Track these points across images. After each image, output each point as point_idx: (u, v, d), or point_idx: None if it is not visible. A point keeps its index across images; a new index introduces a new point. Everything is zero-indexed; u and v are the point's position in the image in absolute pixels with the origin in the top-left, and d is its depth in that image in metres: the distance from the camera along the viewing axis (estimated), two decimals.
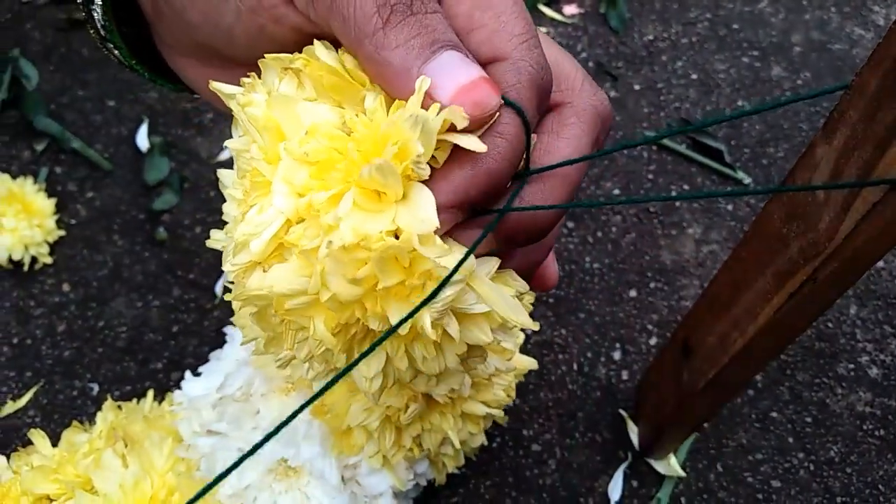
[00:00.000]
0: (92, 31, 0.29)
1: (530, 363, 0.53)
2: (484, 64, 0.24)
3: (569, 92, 0.26)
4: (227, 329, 0.58)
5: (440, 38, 0.23)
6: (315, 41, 0.24)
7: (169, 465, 0.50)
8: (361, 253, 0.22)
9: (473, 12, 0.24)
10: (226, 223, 0.28)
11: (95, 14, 0.28)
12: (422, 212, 0.22)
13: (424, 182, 0.23)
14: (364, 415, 0.45)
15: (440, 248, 0.22)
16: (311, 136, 0.23)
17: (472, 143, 0.22)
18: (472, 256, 0.23)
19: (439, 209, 0.22)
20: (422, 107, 0.22)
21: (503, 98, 0.23)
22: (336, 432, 0.48)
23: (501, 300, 0.24)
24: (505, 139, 0.23)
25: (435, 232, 0.22)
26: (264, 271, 0.24)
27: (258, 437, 0.45)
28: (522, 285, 0.26)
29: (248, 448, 0.45)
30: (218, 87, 0.26)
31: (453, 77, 0.22)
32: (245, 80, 0.25)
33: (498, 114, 0.23)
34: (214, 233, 0.31)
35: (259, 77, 0.25)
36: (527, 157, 0.24)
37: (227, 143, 0.26)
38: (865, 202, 0.31)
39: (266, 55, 0.25)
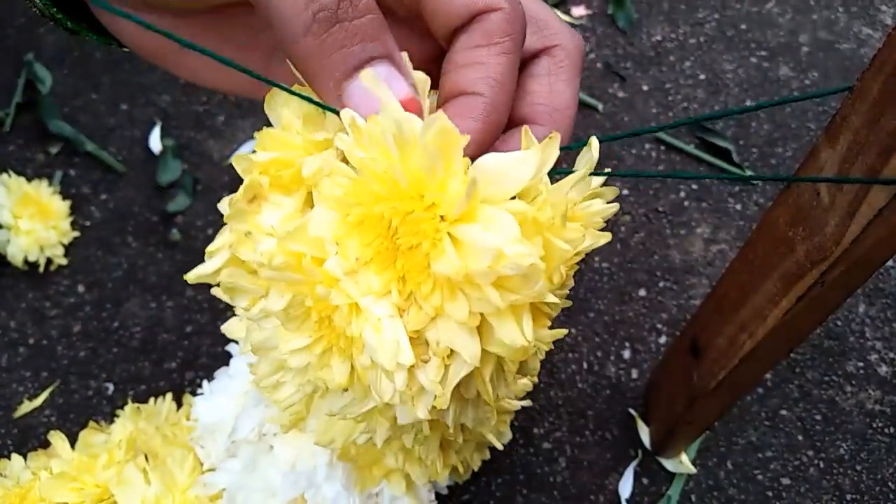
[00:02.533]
0: None
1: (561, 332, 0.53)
2: (474, 15, 0.24)
3: (553, 34, 0.27)
4: (232, 347, 0.58)
5: (366, 52, 0.23)
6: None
7: (190, 482, 0.51)
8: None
9: None
10: None
11: None
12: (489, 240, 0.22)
13: None
14: (401, 455, 0.45)
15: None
16: (343, 245, 0.22)
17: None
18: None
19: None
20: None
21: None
22: (359, 468, 0.48)
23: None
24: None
25: None
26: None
27: (274, 476, 0.45)
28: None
29: (267, 487, 0.45)
30: (195, 274, 0.26)
31: (372, 103, 0.22)
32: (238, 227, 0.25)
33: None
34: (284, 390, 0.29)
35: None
36: None
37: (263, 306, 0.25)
38: (871, 207, 0.32)
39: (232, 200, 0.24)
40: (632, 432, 0.69)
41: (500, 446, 0.49)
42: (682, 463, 0.66)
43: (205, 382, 0.55)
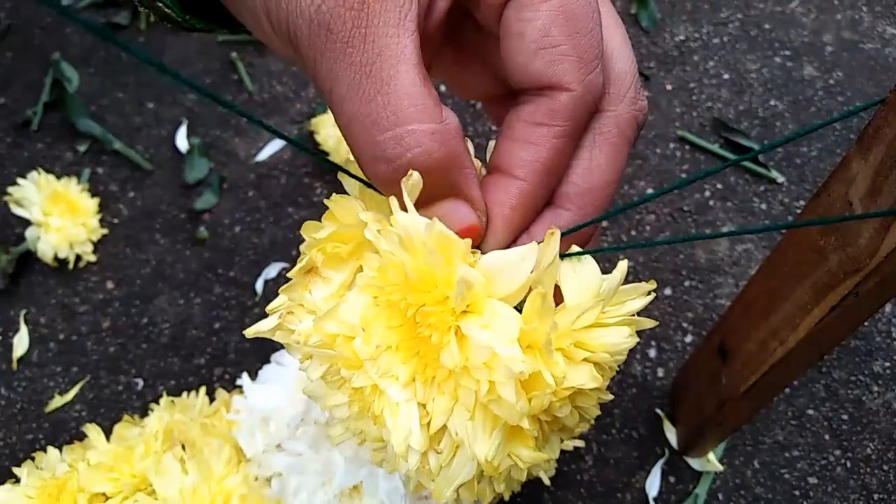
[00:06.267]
0: None
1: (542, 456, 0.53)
2: (544, 88, 0.23)
3: (615, 97, 0.25)
4: None
5: (427, 197, 0.22)
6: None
7: (226, 472, 0.52)
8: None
9: (550, 28, 0.22)
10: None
11: None
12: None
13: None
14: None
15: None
16: (369, 330, 0.23)
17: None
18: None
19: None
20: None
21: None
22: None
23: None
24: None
25: None
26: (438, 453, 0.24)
27: (337, 458, 0.45)
28: None
29: (324, 471, 0.46)
30: (254, 330, 0.27)
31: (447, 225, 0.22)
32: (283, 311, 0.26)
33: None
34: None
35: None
36: None
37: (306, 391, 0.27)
38: None
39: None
40: (658, 431, 0.69)
41: (547, 481, 0.49)
42: (710, 461, 0.66)
43: (244, 375, 0.55)
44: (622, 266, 0.23)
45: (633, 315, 0.24)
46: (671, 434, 0.68)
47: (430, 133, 0.21)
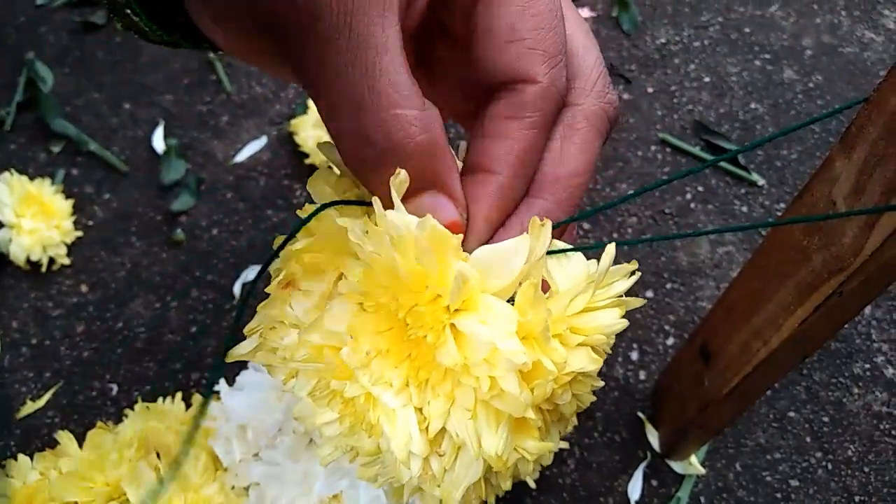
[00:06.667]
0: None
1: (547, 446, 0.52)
2: (512, 82, 0.24)
3: (581, 91, 0.26)
4: None
5: (413, 187, 0.23)
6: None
7: (203, 481, 0.51)
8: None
9: (516, 23, 0.24)
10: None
11: None
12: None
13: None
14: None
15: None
16: (357, 337, 0.23)
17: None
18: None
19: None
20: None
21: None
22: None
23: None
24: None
25: None
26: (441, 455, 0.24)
27: (317, 468, 0.44)
28: None
29: (303, 481, 0.45)
30: (235, 354, 0.26)
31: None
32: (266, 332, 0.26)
33: None
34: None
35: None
36: None
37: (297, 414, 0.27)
38: (892, 218, 0.31)
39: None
40: (640, 434, 0.69)
41: (533, 485, 0.49)
42: (692, 464, 0.66)
43: (222, 381, 0.54)
44: (611, 249, 0.23)
45: (621, 296, 0.25)
46: (653, 437, 0.68)
47: (413, 118, 0.21)
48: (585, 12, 0.98)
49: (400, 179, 0.21)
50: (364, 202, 0.25)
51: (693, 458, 0.66)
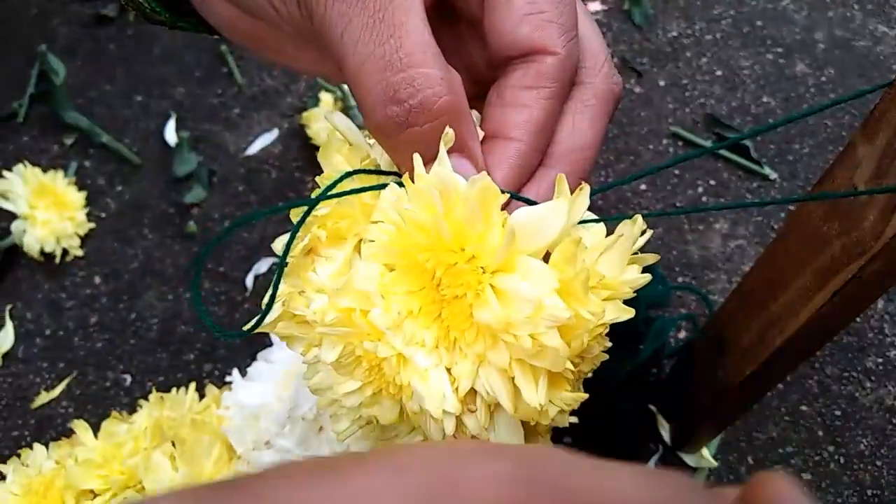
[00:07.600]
0: None
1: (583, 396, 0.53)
2: (531, 53, 0.24)
3: (591, 71, 0.27)
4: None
5: (435, 151, 0.23)
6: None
7: (216, 469, 0.51)
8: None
9: None
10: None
11: None
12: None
13: None
14: None
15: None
16: (388, 298, 0.23)
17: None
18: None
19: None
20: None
21: None
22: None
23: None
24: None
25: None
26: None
27: (326, 454, 0.44)
28: None
29: None
30: (255, 326, 0.26)
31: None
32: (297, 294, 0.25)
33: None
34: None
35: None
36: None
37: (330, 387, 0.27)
38: None
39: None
40: (652, 427, 0.69)
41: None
42: (703, 457, 0.66)
43: (234, 371, 0.54)
44: (639, 219, 0.24)
45: (637, 253, 0.25)
46: (664, 430, 0.68)
47: (439, 78, 0.22)
48: (596, 5, 0.98)
49: (449, 137, 0.22)
50: (384, 171, 0.25)
51: (705, 451, 0.66)
